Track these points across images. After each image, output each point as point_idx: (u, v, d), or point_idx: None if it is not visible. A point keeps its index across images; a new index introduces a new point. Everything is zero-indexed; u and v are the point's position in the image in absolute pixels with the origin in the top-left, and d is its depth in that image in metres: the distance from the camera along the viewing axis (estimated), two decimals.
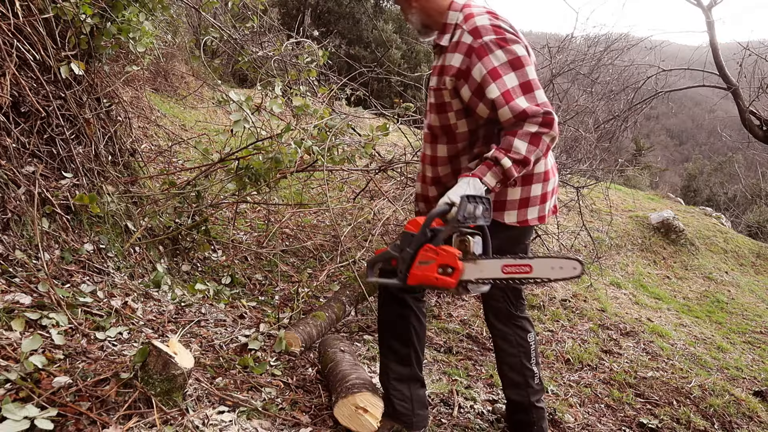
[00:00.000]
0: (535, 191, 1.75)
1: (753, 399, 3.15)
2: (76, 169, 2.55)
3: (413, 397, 1.82)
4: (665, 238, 8.26)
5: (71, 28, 2.63)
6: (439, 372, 2.54)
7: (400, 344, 1.84)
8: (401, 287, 1.58)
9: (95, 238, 2.53)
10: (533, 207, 1.76)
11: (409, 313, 1.84)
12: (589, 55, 6.38)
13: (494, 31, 1.62)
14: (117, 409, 1.45)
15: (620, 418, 2.53)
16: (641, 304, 5.44)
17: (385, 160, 4.42)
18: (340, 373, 2.00)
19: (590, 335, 3.89)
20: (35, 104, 2.34)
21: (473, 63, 1.62)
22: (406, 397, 1.81)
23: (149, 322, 2.22)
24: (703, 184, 26.04)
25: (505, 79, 1.58)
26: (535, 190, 1.75)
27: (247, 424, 1.65)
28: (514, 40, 1.62)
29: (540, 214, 1.79)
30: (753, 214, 14.71)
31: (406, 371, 1.83)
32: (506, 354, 1.96)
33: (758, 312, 6.06)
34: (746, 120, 6.19)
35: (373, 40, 18.59)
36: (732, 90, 6.19)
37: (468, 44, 1.64)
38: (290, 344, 2.35)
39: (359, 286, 2.97)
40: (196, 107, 8.15)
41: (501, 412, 2.22)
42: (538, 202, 1.77)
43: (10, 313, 1.78)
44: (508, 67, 1.59)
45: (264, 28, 5.49)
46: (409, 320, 1.84)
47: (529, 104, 1.56)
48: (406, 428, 1.79)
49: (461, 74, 1.67)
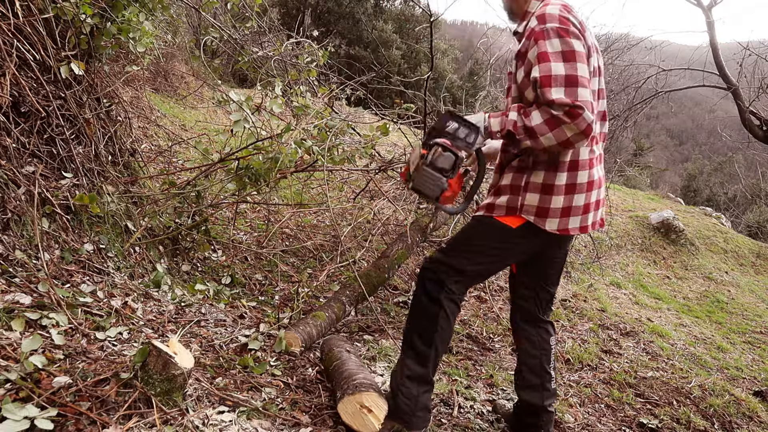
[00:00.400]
0: (577, 201, 1.75)
1: (753, 399, 3.15)
2: (76, 169, 2.55)
3: (418, 397, 1.84)
4: (665, 238, 8.27)
5: (71, 28, 2.63)
6: (439, 372, 2.54)
7: (422, 343, 1.85)
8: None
9: (95, 238, 2.53)
10: (575, 216, 1.77)
11: (438, 313, 1.84)
12: None
13: (559, 20, 1.63)
14: (117, 409, 1.45)
15: (620, 418, 2.53)
16: (641, 304, 5.44)
17: (385, 160, 4.42)
18: (346, 371, 2.00)
19: (590, 335, 3.90)
20: (35, 104, 2.34)
21: (530, 46, 1.66)
22: (412, 395, 1.83)
23: (149, 322, 2.22)
24: (703, 184, 26.04)
25: (552, 65, 1.59)
26: (578, 200, 1.75)
27: (247, 424, 1.65)
28: (575, 35, 1.62)
29: (582, 224, 1.79)
30: (753, 214, 14.71)
31: (420, 371, 1.85)
32: (528, 355, 2.01)
33: (758, 312, 6.06)
34: (746, 120, 6.19)
35: (373, 40, 18.58)
36: (732, 90, 6.19)
37: (532, 28, 1.67)
38: (290, 344, 2.35)
39: (359, 286, 2.97)
40: (196, 107, 8.15)
41: (503, 411, 2.23)
42: (581, 212, 1.77)
43: (10, 313, 1.78)
44: (559, 56, 1.59)
45: (263, 28, 5.50)
46: (437, 321, 1.84)
47: (563, 96, 1.55)
48: (406, 427, 1.81)
49: (520, 56, 1.72)
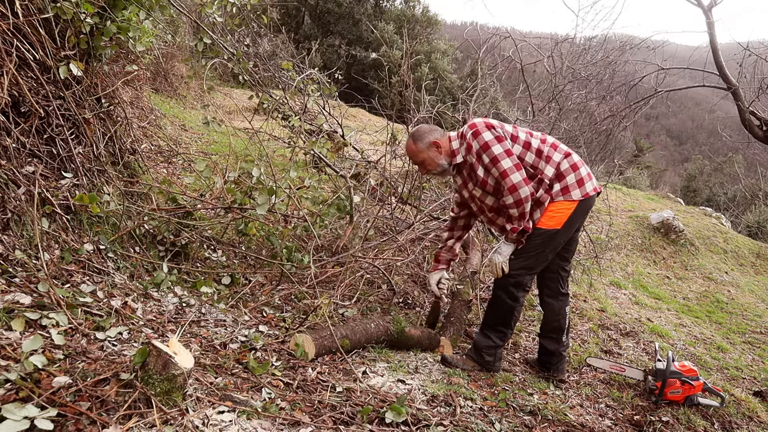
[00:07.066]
0: (576, 177, 2.62)
1: (753, 399, 3.15)
2: (76, 169, 2.55)
3: (495, 356, 2.73)
4: (665, 238, 8.26)
5: (71, 27, 2.63)
6: (439, 372, 2.54)
7: (505, 326, 2.72)
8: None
9: (95, 238, 2.53)
10: (581, 187, 2.63)
11: (516, 306, 2.68)
12: (590, 55, 6.38)
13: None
14: (117, 409, 1.45)
15: (620, 417, 2.53)
16: (641, 304, 5.44)
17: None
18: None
19: (590, 335, 3.90)
20: (35, 104, 2.34)
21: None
22: (495, 355, 2.73)
23: (149, 322, 2.22)
24: (703, 184, 26.03)
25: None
26: (575, 176, 2.62)
27: (247, 424, 1.64)
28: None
29: (590, 188, 2.62)
30: (753, 214, 14.70)
31: (501, 343, 2.73)
32: (550, 320, 2.86)
33: (758, 312, 6.06)
34: (746, 120, 6.18)
35: (373, 40, 18.57)
36: (732, 90, 6.19)
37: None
38: (306, 351, 2.34)
39: (399, 339, 2.78)
40: (196, 107, 8.15)
41: (531, 361, 3.08)
42: (584, 182, 2.63)
43: (10, 313, 1.77)
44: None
45: (263, 46, 5.59)
46: (514, 312, 2.69)
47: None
48: (486, 369, 2.72)
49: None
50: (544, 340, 2.90)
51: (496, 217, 2.70)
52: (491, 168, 2.52)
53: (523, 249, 2.62)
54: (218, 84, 9.79)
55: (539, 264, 2.66)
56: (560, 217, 2.57)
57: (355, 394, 2.02)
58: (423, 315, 3.38)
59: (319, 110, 5.74)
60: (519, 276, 2.63)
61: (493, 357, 2.72)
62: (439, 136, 2.65)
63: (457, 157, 2.64)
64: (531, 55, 6.17)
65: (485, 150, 2.51)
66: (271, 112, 4.76)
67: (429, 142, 2.62)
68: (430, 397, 2.17)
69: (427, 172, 2.73)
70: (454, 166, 2.68)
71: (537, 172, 2.58)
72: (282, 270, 3.22)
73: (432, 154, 2.64)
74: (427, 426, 1.87)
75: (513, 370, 2.87)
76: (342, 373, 2.27)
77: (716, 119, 13.90)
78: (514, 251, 2.63)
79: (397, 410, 1.85)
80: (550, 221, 2.57)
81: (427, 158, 2.65)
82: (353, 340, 2.54)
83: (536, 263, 2.64)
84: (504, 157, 2.48)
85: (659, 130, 42.91)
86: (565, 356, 2.92)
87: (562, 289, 2.84)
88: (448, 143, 2.66)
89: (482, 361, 2.72)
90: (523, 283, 2.65)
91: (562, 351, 2.88)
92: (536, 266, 2.66)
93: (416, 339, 2.82)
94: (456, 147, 2.65)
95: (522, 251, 2.62)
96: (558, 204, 2.58)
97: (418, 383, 2.29)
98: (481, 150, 2.53)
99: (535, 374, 2.91)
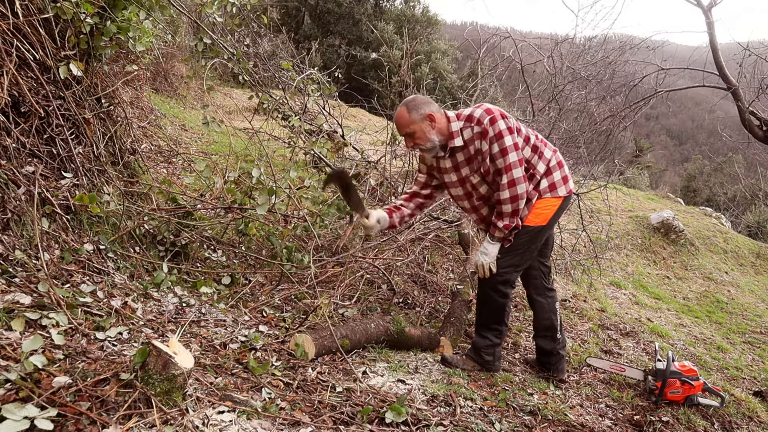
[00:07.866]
0: (560, 175, 2.65)
1: (753, 399, 3.15)
2: (76, 169, 2.54)
3: (495, 355, 2.73)
4: (665, 238, 8.26)
5: (71, 27, 2.63)
6: (439, 372, 2.54)
7: (499, 324, 2.72)
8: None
9: (95, 238, 2.53)
10: (565, 185, 2.69)
11: (507, 302, 2.70)
12: (590, 55, 6.38)
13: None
14: (117, 409, 1.45)
15: (620, 417, 2.53)
16: (641, 304, 5.44)
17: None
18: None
19: (590, 335, 3.90)
20: (35, 104, 2.34)
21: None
22: (494, 355, 2.73)
23: (149, 322, 2.22)
24: (703, 184, 26.03)
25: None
26: (559, 174, 2.64)
27: (247, 424, 1.64)
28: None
29: (568, 189, 2.65)
30: (753, 214, 14.71)
31: (498, 341, 2.74)
32: (541, 318, 2.84)
33: (758, 312, 6.06)
34: (746, 120, 6.18)
35: (373, 40, 18.56)
36: (732, 90, 6.18)
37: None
38: (306, 351, 2.34)
39: (398, 338, 2.78)
40: (196, 107, 8.15)
41: (530, 361, 3.07)
42: (564, 182, 2.65)
43: (10, 313, 1.77)
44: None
45: (262, 42, 5.59)
46: (506, 308, 2.72)
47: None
48: (486, 369, 2.72)
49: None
50: (539, 339, 2.90)
51: (482, 206, 2.63)
52: (498, 158, 2.42)
53: (511, 247, 2.59)
54: (218, 84, 9.79)
55: (525, 261, 2.67)
56: (546, 213, 2.57)
57: (355, 394, 2.02)
58: (422, 315, 3.38)
59: (319, 110, 5.77)
60: (507, 274, 2.61)
61: (492, 356, 2.72)
62: (436, 110, 2.45)
63: (456, 140, 2.47)
64: (531, 55, 6.18)
65: (498, 139, 2.39)
66: (271, 112, 4.77)
67: (424, 114, 2.41)
68: (430, 397, 2.17)
69: (415, 146, 2.49)
70: (450, 149, 2.51)
71: (530, 167, 2.53)
72: (282, 270, 3.23)
73: (425, 127, 2.43)
74: (427, 426, 1.87)
75: (513, 370, 2.87)
76: (342, 373, 2.27)
77: (716, 119, 13.90)
78: (500, 249, 2.58)
79: (397, 410, 1.85)
80: (536, 218, 2.55)
81: (419, 131, 2.43)
82: (353, 340, 2.54)
83: (523, 260, 2.65)
84: (513, 150, 2.40)
85: (659, 130, 42.91)
86: (564, 355, 2.90)
87: (546, 284, 2.84)
88: (446, 122, 2.48)
89: (482, 360, 2.71)
90: (510, 281, 2.65)
91: (560, 350, 2.86)
92: (523, 263, 2.66)
93: (416, 339, 2.82)
94: (456, 129, 2.47)
95: (509, 249, 2.59)
96: (545, 201, 2.55)
97: (418, 383, 2.29)
98: (495, 138, 2.40)
99: (535, 374, 2.90)
